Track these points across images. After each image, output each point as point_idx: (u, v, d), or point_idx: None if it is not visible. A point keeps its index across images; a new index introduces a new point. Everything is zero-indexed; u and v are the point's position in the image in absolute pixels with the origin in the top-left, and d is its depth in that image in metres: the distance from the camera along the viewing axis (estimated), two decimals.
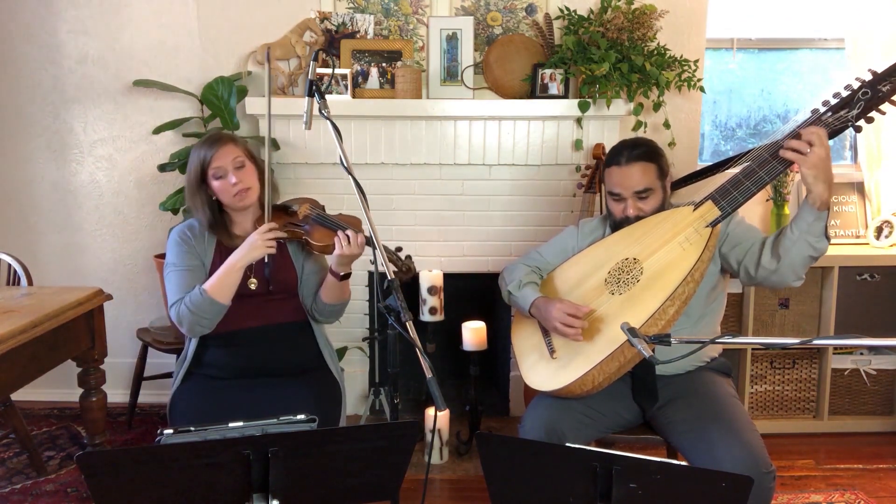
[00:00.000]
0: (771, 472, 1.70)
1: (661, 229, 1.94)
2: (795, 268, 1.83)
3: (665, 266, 1.88)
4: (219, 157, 2.01)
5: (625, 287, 1.92)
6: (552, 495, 1.41)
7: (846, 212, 3.19)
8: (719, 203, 1.88)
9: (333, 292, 2.08)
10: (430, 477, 2.63)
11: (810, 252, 1.80)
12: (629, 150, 2.00)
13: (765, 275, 1.88)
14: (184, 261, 2.04)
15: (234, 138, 2.10)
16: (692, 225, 1.90)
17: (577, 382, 1.83)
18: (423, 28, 3.02)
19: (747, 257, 1.92)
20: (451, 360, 3.23)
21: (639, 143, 2.03)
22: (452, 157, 2.94)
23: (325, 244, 2.07)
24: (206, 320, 1.96)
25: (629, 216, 2.00)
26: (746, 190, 1.83)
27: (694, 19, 3.04)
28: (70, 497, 2.48)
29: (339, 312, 2.16)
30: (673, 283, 1.83)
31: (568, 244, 2.19)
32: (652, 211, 1.99)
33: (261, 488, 1.34)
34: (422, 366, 1.47)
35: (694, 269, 1.84)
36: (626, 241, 1.99)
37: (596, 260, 2.03)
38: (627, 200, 1.99)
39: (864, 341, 1.34)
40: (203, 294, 1.93)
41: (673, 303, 1.83)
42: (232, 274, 1.95)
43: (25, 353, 1.92)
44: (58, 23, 3.05)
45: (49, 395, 3.23)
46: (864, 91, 1.73)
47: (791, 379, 3.04)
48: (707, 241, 1.86)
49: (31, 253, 3.12)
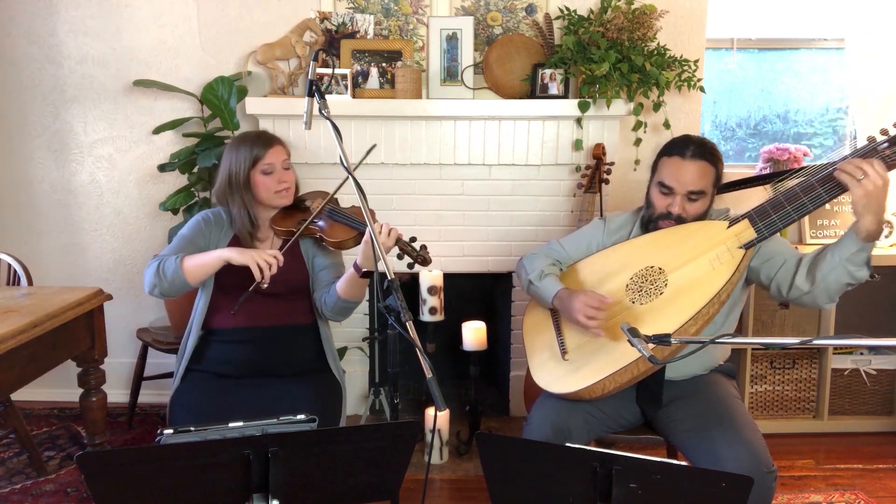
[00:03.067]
0: (773, 471, 1.70)
1: (692, 242, 1.85)
2: (830, 293, 1.77)
3: (692, 282, 1.81)
4: (272, 155, 2.09)
5: (646, 297, 1.86)
6: (552, 495, 1.41)
7: (846, 212, 3.19)
8: (756, 225, 1.79)
9: (353, 289, 2.05)
10: (430, 477, 2.63)
11: (848, 280, 1.74)
12: (697, 146, 1.89)
13: (797, 295, 1.82)
14: (193, 235, 2.10)
15: (282, 141, 2.17)
16: (725, 243, 1.81)
17: (587, 390, 1.81)
18: (423, 28, 3.02)
19: (780, 274, 1.84)
20: (451, 360, 3.23)
21: (706, 143, 1.93)
22: (452, 157, 2.94)
23: (340, 240, 2.07)
24: (165, 285, 1.96)
25: (672, 213, 1.90)
26: (787, 215, 1.74)
27: (694, 19, 3.04)
28: (70, 497, 2.48)
29: (349, 311, 2.14)
30: (698, 303, 1.76)
31: (592, 240, 2.12)
32: (696, 215, 1.90)
33: (261, 488, 1.34)
34: (422, 366, 1.47)
35: (722, 290, 1.76)
36: (653, 247, 1.91)
37: (619, 261, 1.96)
38: (676, 197, 1.89)
39: (864, 341, 1.34)
40: (177, 260, 1.95)
41: (695, 322, 1.76)
42: (213, 262, 1.97)
43: (25, 353, 1.92)
44: (58, 23, 3.05)
45: (49, 395, 3.23)
46: None
47: (791, 379, 3.04)
48: (739, 264, 1.79)
49: (31, 253, 3.12)
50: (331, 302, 2.09)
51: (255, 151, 2.08)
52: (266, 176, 2.08)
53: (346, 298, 2.07)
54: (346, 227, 2.09)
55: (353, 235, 2.08)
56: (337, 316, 2.14)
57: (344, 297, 2.06)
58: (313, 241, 2.16)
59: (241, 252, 1.95)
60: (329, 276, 2.14)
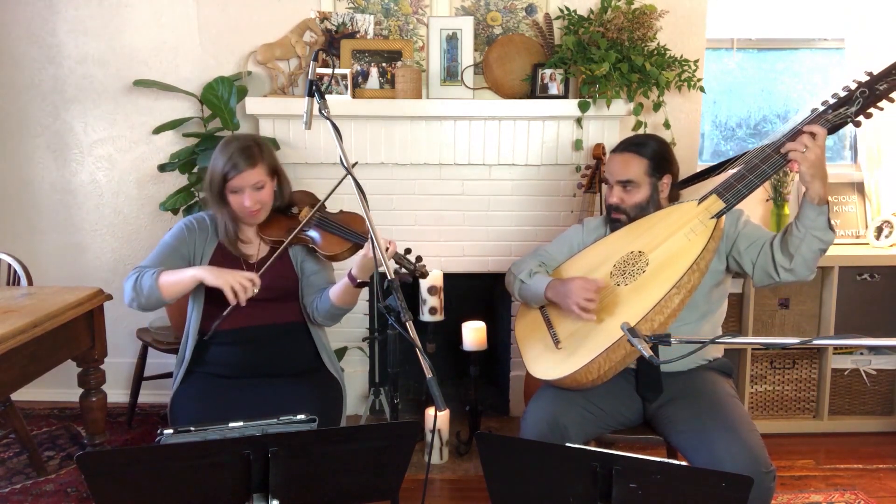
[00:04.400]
0: (771, 471, 1.70)
1: (665, 223, 1.98)
2: (808, 262, 1.88)
3: (671, 256, 1.90)
4: (241, 179, 1.99)
5: (630, 278, 1.94)
6: (552, 495, 1.41)
7: (846, 212, 3.19)
8: (723, 196, 1.92)
9: (347, 297, 2.04)
10: (430, 477, 2.63)
11: (819, 245, 1.86)
12: (627, 141, 2.10)
13: (784, 274, 1.91)
14: (176, 243, 2.07)
15: (263, 156, 2.03)
16: (697, 217, 1.93)
17: (583, 370, 1.83)
18: (423, 28, 3.02)
19: (760, 257, 1.95)
20: (451, 360, 3.23)
21: (639, 138, 2.13)
22: (452, 157, 2.94)
23: (335, 253, 2.04)
24: (142, 300, 1.95)
25: (610, 203, 2.08)
26: (750, 183, 1.88)
27: (694, 19, 3.04)
28: (70, 497, 2.48)
29: (340, 317, 2.13)
30: (679, 272, 1.85)
31: (573, 241, 2.22)
32: (633, 204, 2.05)
33: (261, 488, 1.34)
34: (422, 366, 1.47)
35: (700, 258, 1.86)
36: (630, 236, 2.03)
37: (601, 255, 2.06)
38: (614, 188, 2.07)
39: (864, 341, 1.35)
40: (153, 277, 1.94)
41: (679, 291, 1.84)
42: (187, 280, 1.94)
43: (25, 353, 1.92)
44: (58, 23, 3.05)
45: (49, 395, 3.23)
46: (863, 90, 1.81)
47: (791, 379, 3.04)
48: (712, 232, 1.89)
49: (31, 253, 3.12)
50: (323, 308, 2.08)
51: (226, 168, 1.98)
52: (235, 195, 2.01)
53: (339, 306, 2.06)
54: (340, 239, 2.06)
55: (349, 247, 2.06)
56: (328, 321, 2.13)
57: (338, 304, 2.05)
58: (303, 247, 2.14)
59: (217, 273, 1.91)
60: (320, 281, 2.13)
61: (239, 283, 1.89)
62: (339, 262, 2.09)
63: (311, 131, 2.23)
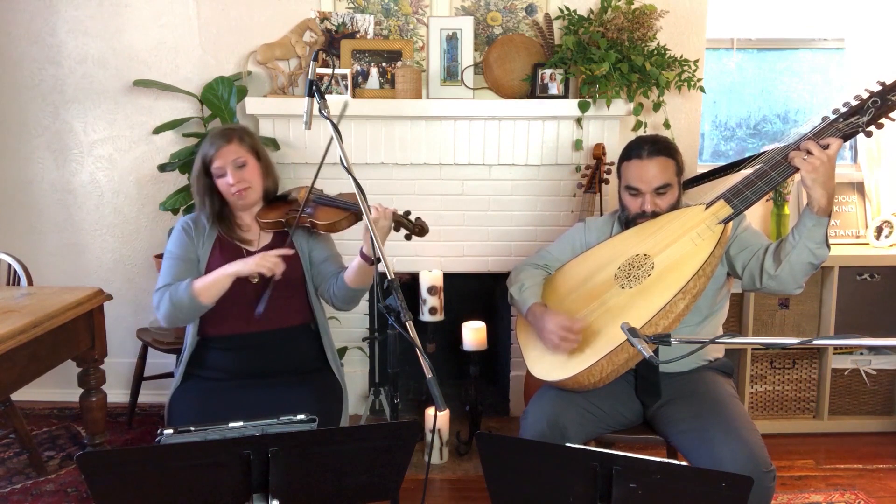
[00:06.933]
0: (771, 471, 1.70)
1: (672, 227, 1.95)
2: (795, 274, 1.85)
3: (677, 261, 1.88)
4: (220, 156, 2.02)
5: (635, 281, 1.92)
6: (552, 495, 1.41)
7: (846, 212, 3.19)
8: (731, 202, 1.90)
9: (362, 276, 2.03)
10: (430, 477, 2.63)
11: (810, 259, 1.82)
12: (650, 144, 2.00)
13: (766, 280, 1.89)
14: (181, 251, 2.06)
15: (241, 134, 2.07)
16: (704, 222, 1.91)
17: (585, 373, 1.83)
18: (423, 28, 3.02)
19: (752, 262, 1.93)
20: (451, 360, 3.23)
21: (658, 139, 2.04)
22: (452, 157, 2.94)
23: (331, 222, 2.04)
24: (183, 314, 1.96)
25: (646, 211, 1.99)
26: (759, 189, 1.86)
27: (694, 19, 3.04)
28: (70, 497, 2.48)
29: (358, 299, 2.13)
30: (685, 277, 1.82)
31: (576, 240, 2.20)
32: (668, 207, 1.99)
33: (261, 488, 1.34)
34: (422, 366, 1.47)
35: (706, 263, 1.84)
36: (636, 239, 1.99)
37: (605, 256, 2.03)
38: (646, 196, 1.98)
39: (864, 341, 1.34)
40: (188, 289, 1.93)
41: (684, 297, 1.82)
42: (223, 279, 1.94)
43: (25, 353, 1.92)
44: (58, 23, 3.05)
45: (49, 395, 3.23)
46: (874, 100, 1.78)
47: (791, 379, 3.04)
48: (719, 238, 1.87)
49: (31, 253, 3.12)
50: (340, 292, 2.08)
51: (205, 150, 2.03)
52: (221, 178, 2.03)
53: (354, 287, 2.05)
54: (335, 209, 2.06)
55: (346, 216, 2.05)
56: (347, 305, 2.13)
57: (353, 285, 2.05)
58: (306, 231, 2.13)
59: (244, 262, 1.94)
60: (331, 268, 2.13)
61: (269, 264, 1.91)
62: (337, 231, 2.08)
63: (311, 131, 2.23)
